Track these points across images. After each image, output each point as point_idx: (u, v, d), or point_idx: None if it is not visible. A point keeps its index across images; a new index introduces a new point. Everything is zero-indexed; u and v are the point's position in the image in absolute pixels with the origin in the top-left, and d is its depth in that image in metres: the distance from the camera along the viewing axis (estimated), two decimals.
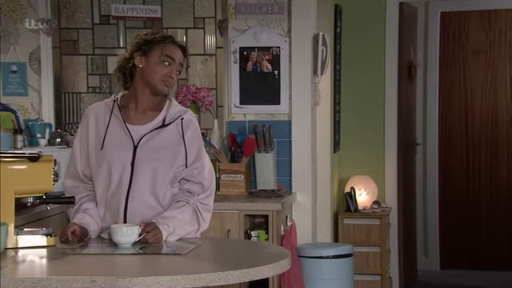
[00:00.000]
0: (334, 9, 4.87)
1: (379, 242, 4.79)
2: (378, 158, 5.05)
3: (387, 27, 5.05)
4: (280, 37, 4.07)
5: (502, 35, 5.82)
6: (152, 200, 2.49)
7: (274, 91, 4.06)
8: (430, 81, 5.89)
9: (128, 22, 4.46)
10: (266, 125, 4.02)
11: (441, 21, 5.90)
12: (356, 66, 5.07)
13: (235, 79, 4.11)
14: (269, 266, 2.16)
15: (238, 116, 4.12)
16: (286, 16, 4.06)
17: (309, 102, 4.06)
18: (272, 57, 4.06)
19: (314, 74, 4.12)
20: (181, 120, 2.52)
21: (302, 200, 4.04)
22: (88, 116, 2.56)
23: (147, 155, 2.48)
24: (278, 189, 3.98)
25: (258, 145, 4.01)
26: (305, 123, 4.04)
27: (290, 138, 4.05)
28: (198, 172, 2.52)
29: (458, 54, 5.92)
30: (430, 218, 5.93)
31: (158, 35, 2.51)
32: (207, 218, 2.54)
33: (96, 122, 2.53)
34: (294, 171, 4.04)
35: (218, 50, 4.37)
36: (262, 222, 3.83)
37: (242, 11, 4.10)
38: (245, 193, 3.98)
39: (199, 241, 2.47)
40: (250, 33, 4.09)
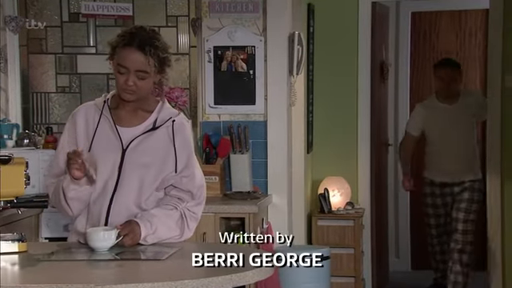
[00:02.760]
0: (307, 8, 4.84)
1: (353, 243, 4.78)
2: (351, 159, 5.04)
3: (360, 27, 5.05)
4: (255, 36, 4.02)
5: (472, 36, 5.87)
6: (135, 208, 2.40)
7: (249, 91, 4.01)
8: (401, 81, 5.91)
9: (98, 20, 4.36)
10: (242, 125, 3.97)
11: (412, 21, 5.93)
12: (329, 66, 5.05)
13: (209, 79, 4.05)
14: (252, 271, 2.11)
15: (212, 116, 4.07)
16: (261, 15, 4.01)
17: (285, 102, 4.02)
18: (247, 56, 4.01)
19: (290, 74, 4.08)
20: (172, 122, 2.43)
21: (277, 202, 4.00)
22: (77, 115, 2.45)
23: (136, 159, 2.38)
24: (254, 191, 3.93)
25: (233, 146, 3.96)
26: (281, 124, 4.01)
27: (265, 139, 4.01)
28: (187, 180, 2.43)
29: (429, 54, 5.95)
30: (401, 218, 5.94)
31: (120, 34, 2.36)
32: (193, 226, 2.46)
33: (86, 122, 2.43)
34: (269, 172, 4.00)
35: (192, 49, 4.30)
36: (238, 224, 3.77)
37: (216, 10, 4.04)
38: (220, 195, 3.93)
39: (178, 245, 2.39)
40: (225, 32, 4.04)
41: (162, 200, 2.44)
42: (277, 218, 3.99)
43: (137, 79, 2.33)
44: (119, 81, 2.35)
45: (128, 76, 2.33)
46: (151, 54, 2.32)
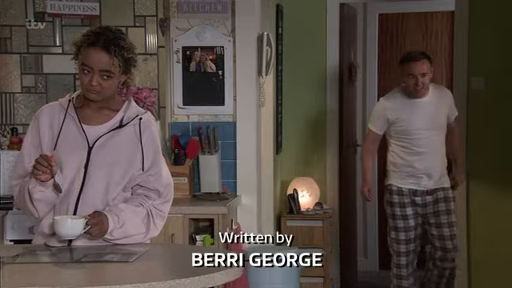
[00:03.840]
0: (275, 9, 4.84)
1: (322, 243, 4.79)
2: (320, 160, 5.06)
3: (328, 28, 5.07)
4: (224, 36, 4.00)
5: (438, 37, 5.93)
6: (102, 208, 2.37)
7: (218, 92, 4.00)
8: (369, 82, 5.95)
9: (65, 20, 4.30)
10: (211, 126, 3.95)
11: (379, 22, 5.97)
12: (298, 67, 5.06)
13: (178, 79, 4.02)
14: (221, 272, 2.10)
15: (181, 117, 4.04)
16: (230, 15, 4.00)
17: (254, 102, 4.02)
18: (216, 56, 4.00)
19: (259, 75, 4.08)
20: (139, 120, 2.41)
21: (247, 203, 3.99)
22: (40, 115, 2.42)
23: (102, 158, 2.36)
24: (223, 191, 3.92)
25: (201, 146, 3.94)
26: (250, 124, 4.00)
27: (234, 140, 4.00)
28: (154, 179, 2.41)
29: (396, 55, 5.98)
30: (369, 218, 5.98)
31: (85, 34, 2.35)
32: (159, 225, 2.44)
33: (50, 122, 2.40)
34: (238, 173, 3.99)
35: (160, 50, 4.27)
36: (207, 225, 3.75)
37: (185, 10, 4.02)
38: (189, 196, 3.90)
39: (146, 247, 2.37)
40: (193, 32, 4.01)
41: (127, 200, 2.42)
42: (246, 219, 3.98)
43: (101, 79, 2.32)
44: (84, 81, 2.34)
45: (92, 76, 2.32)
46: (116, 55, 2.31)
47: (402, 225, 4.19)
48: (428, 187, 4.17)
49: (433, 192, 4.18)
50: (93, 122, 2.39)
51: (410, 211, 4.19)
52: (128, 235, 2.36)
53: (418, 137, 4.12)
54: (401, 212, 4.19)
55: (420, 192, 4.18)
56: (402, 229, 4.19)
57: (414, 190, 4.17)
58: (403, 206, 4.19)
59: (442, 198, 4.17)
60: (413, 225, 4.20)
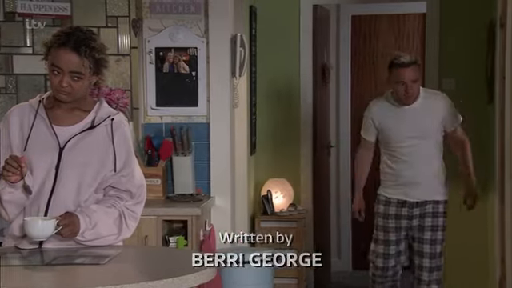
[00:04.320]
0: (249, 10, 4.84)
1: (296, 245, 4.79)
2: (294, 161, 5.07)
3: (301, 29, 5.09)
4: (197, 37, 3.99)
5: (410, 39, 5.98)
6: (74, 208, 2.35)
7: (191, 93, 3.98)
8: (342, 83, 5.98)
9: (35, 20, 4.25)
10: (184, 127, 3.94)
11: (352, 24, 6.01)
12: (271, 68, 5.06)
13: (151, 80, 4.00)
14: (194, 274, 2.09)
15: (154, 118, 4.02)
16: (203, 16, 3.99)
17: (227, 104, 4.01)
18: (189, 57, 3.98)
19: (233, 76, 4.07)
20: (111, 121, 2.39)
21: (220, 204, 3.98)
22: (10, 117, 2.39)
23: (73, 159, 2.33)
24: (197, 193, 3.91)
25: (175, 148, 3.92)
26: (223, 126, 3.99)
27: (208, 141, 3.99)
28: (126, 180, 2.39)
29: (369, 56, 6.04)
30: (342, 219, 6.01)
31: (55, 34, 2.32)
32: (132, 226, 2.42)
33: (20, 123, 2.37)
34: (212, 174, 3.98)
35: (133, 50, 4.24)
36: (181, 227, 3.74)
37: (158, 10, 4.00)
38: (162, 197, 3.88)
39: (118, 249, 2.35)
40: (166, 33, 4.00)
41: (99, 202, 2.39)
42: (220, 220, 3.97)
43: (71, 80, 2.30)
44: (54, 81, 2.32)
45: (62, 77, 2.30)
46: (86, 55, 2.29)
47: (382, 237, 3.94)
48: (417, 198, 3.86)
49: (422, 204, 3.87)
50: (64, 123, 2.37)
51: (393, 224, 3.91)
52: (100, 236, 2.34)
53: (403, 145, 3.83)
54: (383, 223, 3.94)
55: (409, 203, 3.89)
56: (381, 242, 3.95)
57: (403, 200, 3.89)
58: (386, 218, 3.93)
59: (430, 213, 3.86)
60: (393, 239, 3.91)
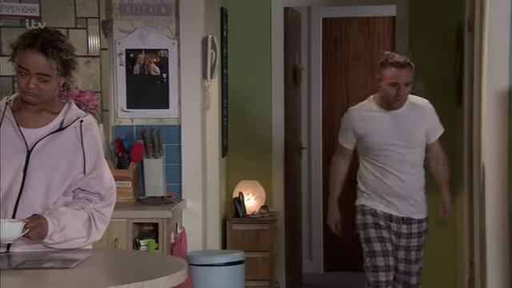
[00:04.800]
0: (220, 12, 4.83)
1: (268, 247, 4.80)
2: (266, 163, 5.07)
3: (273, 31, 5.09)
4: (168, 39, 3.97)
5: (381, 42, 6.03)
6: (42, 211, 2.31)
7: (162, 95, 3.96)
8: (314, 85, 6.01)
9: (3, 21, 4.19)
10: (155, 129, 3.92)
11: (323, 26, 6.03)
12: (243, 70, 5.06)
13: (121, 82, 3.97)
14: (165, 277, 2.08)
15: (124, 120, 3.99)
16: (174, 18, 3.97)
17: (199, 106, 3.99)
18: (160, 59, 3.96)
19: (204, 78, 4.06)
20: (80, 123, 2.36)
21: (192, 206, 3.96)
22: None
23: (42, 161, 2.30)
24: (168, 195, 3.88)
25: (146, 150, 3.89)
26: (195, 128, 3.97)
27: (179, 143, 3.97)
28: (96, 182, 2.37)
29: (340, 59, 6.07)
30: (314, 221, 6.02)
31: (22, 35, 2.28)
32: (102, 228, 2.39)
33: None
34: (184, 177, 3.96)
35: (103, 52, 4.20)
36: (151, 230, 3.71)
37: (128, 12, 3.97)
38: (133, 200, 3.86)
39: (87, 252, 2.32)
40: (137, 34, 3.97)
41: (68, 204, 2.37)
42: (191, 223, 3.95)
43: (39, 82, 2.27)
44: (21, 83, 2.29)
45: (29, 78, 2.27)
46: (53, 57, 2.27)
47: (380, 248, 3.49)
48: (404, 213, 3.57)
49: (408, 222, 3.59)
50: (32, 125, 2.34)
51: (386, 234, 3.53)
52: (68, 239, 2.31)
53: (389, 154, 3.54)
54: (376, 233, 3.52)
55: (395, 218, 3.58)
56: (380, 253, 3.47)
57: (389, 214, 3.58)
58: (379, 228, 3.54)
59: (416, 233, 3.61)
60: (391, 249, 3.52)
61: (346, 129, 3.67)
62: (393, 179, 3.57)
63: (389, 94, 3.51)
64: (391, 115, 3.56)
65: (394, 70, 3.50)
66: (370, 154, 3.61)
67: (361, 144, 3.63)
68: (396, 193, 3.57)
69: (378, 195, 3.60)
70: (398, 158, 3.56)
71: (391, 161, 3.56)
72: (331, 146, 6.08)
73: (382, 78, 3.52)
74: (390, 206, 3.58)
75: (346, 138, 3.69)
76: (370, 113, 3.60)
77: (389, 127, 3.56)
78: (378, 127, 3.56)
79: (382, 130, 3.56)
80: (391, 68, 3.50)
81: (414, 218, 3.60)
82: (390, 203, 3.58)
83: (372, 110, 3.60)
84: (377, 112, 3.58)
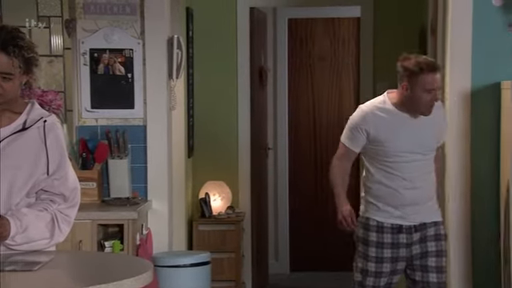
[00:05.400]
0: (185, 12, 4.81)
1: (234, 247, 4.79)
2: (232, 163, 5.06)
3: (238, 31, 5.09)
4: (133, 39, 3.94)
5: (345, 43, 6.07)
6: (4, 212, 2.27)
7: (127, 95, 3.93)
8: (279, 86, 6.02)
9: None
10: (120, 130, 3.88)
11: (288, 27, 6.05)
12: (209, 71, 5.05)
13: (85, 82, 3.93)
14: (130, 279, 2.06)
15: (89, 121, 3.95)
16: (139, 17, 3.94)
17: (164, 106, 3.97)
18: (125, 59, 3.92)
19: (170, 78, 4.04)
20: (43, 123, 2.32)
21: (157, 207, 3.94)
22: None
23: (4, 162, 2.25)
24: (133, 196, 3.85)
25: (111, 151, 3.86)
26: (160, 128, 3.95)
27: (145, 144, 3.94)
28: (59, 183, 2.33)
29: (306, 60, 6.10)
30: (280, 221, 6.04)
31: None
32: (65, 230, 2.35)
33: None
34: (149, 178, 3.93)
35: (66, 51, 4.15)
36: (116, 231, 3.68)
37: (92, 11, 3.93)
38: (97, 201, 3.82)
39: (51, 255, 2.28)
40: (101, 34, 3.93)
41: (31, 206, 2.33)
42: (157, 224, 3.93)
43: (1, 81, 2.22)
44: None
45: None
46: (15, 55, 2.22)
47: (374, 269, 3.23)
48: (416, 221, 3.22)
49: (422, 228, 3.23)
50: None
51: (389, 254, 3.21)
52: (31, 240, 2.27)
53: (404, 160, 3.19)
54: (376, 254, 3.22)
55: (406, 228, 3.22)
56: (373, 273, 3.23)
57: (399, 225, 3.21)
58: (381, 247, 3.22)
59: (433, 236, 3.23)
60: (387, 271, 3.23)
61: (358, 130, 3.21)
62: (407, 188, 3.20)
63: (423, 101, 3.14)
64: (411, 119, 3.21)
65: (431, 75, 3.13)
66: (382, 160, 3.21)
67: (372, 149, 3.22)
68: (410, 202, 3.21)
69: (389, 206, 3.21)
70: (413, 165, 3.20)
71: (406, 168, 3.19)
72: (297, 147, 6.13)
73: (416, 84, 3.13)
74: (400, 216, 3.22)
75: (357, 140, 3.23)
76: (389, 115, 3.20)
77: (409, 132, 3.19)
78: (398, 132, 3.18)
79: (401, 136, 3.18)
80: (427, 73, 3.13)
81: (429, 222, 3.23)
82: (402, 213, 3.21)
83: (390, 111, 3.20)
84: (396, 115, 3.20)
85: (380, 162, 3.23)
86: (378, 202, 3.23)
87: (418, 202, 3.22)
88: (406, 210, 3.21)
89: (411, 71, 3.15)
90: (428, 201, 3.26)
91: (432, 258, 3.21)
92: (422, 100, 3.15)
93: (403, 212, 3.21)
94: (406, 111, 3.20)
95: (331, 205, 6.07)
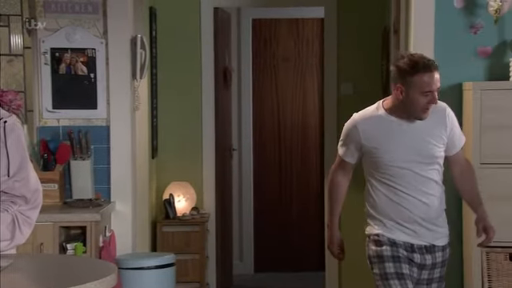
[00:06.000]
0: (148, 12, 4.77)
1: (198, 249, 4.77)
2: (196, 164, 5.04)
3: (202, 32, 5.06)
4: (95, 38, 3.89)
5: (309, 43, 6.10)
6: None
7: (90, 95, 3.87)
8: (244, 86, 6.01)
9: None
10: (82, 130, 3.83)
11: (253, 27, 6.05)
12: (172, 71, 5.01)
13: (46, 82, 3.87)
14: (94, 282, 2.03)
15: (50, 121, 3.89)
16: (102, 16, 3.89)
17: (128, 106, 3.93)
18: (87, 59, 3.87)
19: (133, 78, 3.99)
20: (3, 123, 2.27)
21: (121, 209, 3.89)
22: None
23: None
24: (96, 198, 3.81)
25: (73, 151, 3.80)
26: (124, 129, 3.91)
27: (108, 144, 3.89)
28: (20, 185, 2.29)
29: (270, 60, 6.10)
30: (245, 222, 6.03)
31: None
32: (26, 232, 2.31)
33: None
34: (112, 179, 3.88)
35: (26, 51, 4.07)
36: (79, 233, 3.63)
37: (53, 10, 3.87)
38: (59, 203, 3.76)
39: (11, 258, 2.23)
40: (62, 33, 3.87)
41: None
42: (120, 226, 3.89)
43: None
44: None
45: None
46: None
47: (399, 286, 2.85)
48: (426, 241, 2.92)
49: (431, 250, 2.93)
50: None
51: (407, 270, 2.88)
52: None
53: (405, 171, 2.89)
54: (395, 269, 2.86)
55: (418, 247, 2.91)
56: None
57: (410, 244, 2.90)
58: (398, 261, 2.88)
59: (440, 263, 2.95)
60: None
61: (350, 141, 2.96)
62: (412, 202, 2.89)
63: (420, 105, 2.83)
64: (407, 125, 2.89)
65: (427, 76, 2.79)
66: (381, 172, 2.92)
67: (369, 160, 2.95)
68: (417, 218, 2.90)
69: (395, 222, 2.91)
70: (416, 177, 2.89)
71: (409, 180, 2.89)
72: (261, 148, 6.13)
73: (411, 86, 2.80)
74: (410, 234, 2.91)
75: (349, 150, 2.97)
76: (382, 122, 2.91)
77: (405, 140, 2.89)
78: (392, 140, 2.89)
79: (397, 144, 2.89)
80: (423, 74, 2.78)
81: (438, 246, 2.94)
82: (410, 230, 2.91)
83: (382, 118, 2.91)
84: (390, 122, 2.90)
85: (379, 174, 2.94)
86: (383, 218, 2.93)
87: (426, 219, 2.91)
88: (415, 226, 2.91)
89: (401, 72, 2.83)
90: (437, 218, 2.94)
91: (434, 284, 2.97)
92: (418, 103, 2.83)
93: (412, 229, 2.91)
94: (399, 116, 2.89)
95: (295, 205, 6.17)
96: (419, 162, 2.90)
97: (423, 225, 2.91)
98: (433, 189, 2.92)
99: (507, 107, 3.43)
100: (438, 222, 2.95)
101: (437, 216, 2.94)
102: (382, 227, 2.93)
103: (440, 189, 2.95)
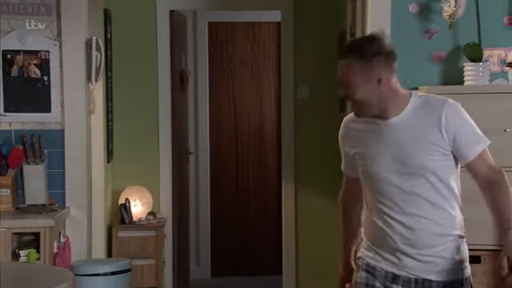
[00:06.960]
0: (103, 14, 4.70)
1: (155, 254, 4.72)
2: (153, 168, 4.99)
3: (158, 34, 5.01)
4: (49, 40, 3.81)
5: (266, 47, 6.11)
6: None
7: (43, 98, 3.80)
8: (200, 90, 5.99)
9: None
10: (36, 134, 3.75)
11: (209, 30, 6.03)
12: (128, 74, 4.95)
13: None
14: None
15: (2, 125, 3.81)
16: (55, 18, 3.82)
17: (83, 110, 3.87)
18: (40, 61, 3.80)
19: (88, 81, 3.93)
20: None
21: (76, 214, 3.83)
22: None
23: None
24: (50, 203, 3.74)
25: (26, 156, 3.72)
26: (79, 132, 3.85)
27: (62, 149, 3.83)
28: None
29: (227, 64, 6.09)
30: (202, 226, 6.01)
31: None
32: None
33: None
34: (67, 184, 3.82)
35: None
36: (32, 239, 3.55)
37: (4, 11, 3.79)
38: (12, 208, 3.69)
39: None
40: (15, 35, 3.79)
41: None
42: (75, 231, 3.83)
43: None
44: None
45: None
46: None
47: None
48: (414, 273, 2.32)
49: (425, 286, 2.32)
50: None
51: None
52: None
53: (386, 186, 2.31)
54: None
55: (405, 280, 2.33)
56: None
57: (392, 274, 2.34)
58: None
59: None
60: None
61: (341, 148, 2.46)
62: (395, 226, 2.30)
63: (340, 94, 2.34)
64: (387, 126, 2.29)
65: (340, 63, 2.30)
66: (365, 185, 2.39)
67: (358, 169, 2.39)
68: (400, 247, 2.31)
69: (377, 247, 2.36)
70: (399, 193, 2.28)
71: (391, 197, 2.29)
72: (218, 151, 6.11)
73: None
74: (393, 262, 2.34)
75: (344, 160, 2.47)
76: (357, 123, 2.37)
77: (382, 144, 2.30)
78: (370, 144, 2.32)
79: (374, 149, 2.31)
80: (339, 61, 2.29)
81: (438, 281, 2.30)
82: (395, 258, 2.33)
83: (365, 120, 2.33)
84: (366, 123, 2.33)
85: (366, 189, 2.39)
86: (366, 239, 2.42)
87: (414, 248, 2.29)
88: (398, 254, 2.32)
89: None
90: (435, 245, 2.29)
91: None
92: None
93: (393, 258, 2.33)
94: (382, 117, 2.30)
95: (252, 209, 6.17)
96: (401, 172, 2.28)
97: (410, 254, 2.30)
98: (424, 209, 2.28)
99: None
100: (437, 251, 2.30)
101: (432, 244, 2.29)
102: (363, 250, 2.41)
103: (439, 208, 2.29)
